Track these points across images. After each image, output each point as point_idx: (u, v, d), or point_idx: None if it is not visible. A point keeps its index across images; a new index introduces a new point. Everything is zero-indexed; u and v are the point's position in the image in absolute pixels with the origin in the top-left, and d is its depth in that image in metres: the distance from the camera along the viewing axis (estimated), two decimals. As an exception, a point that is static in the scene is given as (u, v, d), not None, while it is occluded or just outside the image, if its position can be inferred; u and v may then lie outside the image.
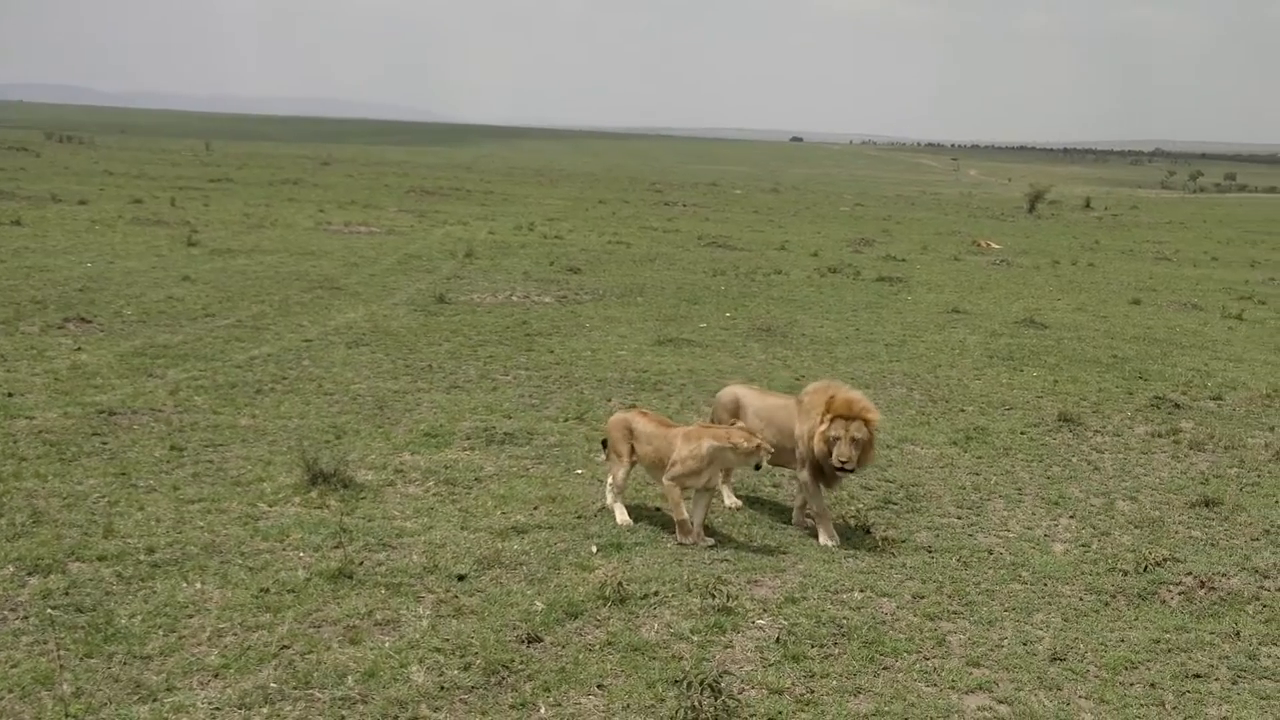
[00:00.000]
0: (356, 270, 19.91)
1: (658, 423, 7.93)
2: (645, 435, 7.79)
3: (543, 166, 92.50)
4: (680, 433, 7.67)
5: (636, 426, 7.87)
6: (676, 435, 7.64)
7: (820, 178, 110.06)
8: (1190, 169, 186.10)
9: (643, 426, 7.86)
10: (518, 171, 77.69)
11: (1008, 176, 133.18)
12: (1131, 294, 22.66)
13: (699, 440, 7.46)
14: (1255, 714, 5.46)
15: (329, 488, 8.00)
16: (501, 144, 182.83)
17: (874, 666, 5.80)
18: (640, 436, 7.81)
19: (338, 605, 6.20)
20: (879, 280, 22.60)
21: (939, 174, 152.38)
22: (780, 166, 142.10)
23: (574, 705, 5.27)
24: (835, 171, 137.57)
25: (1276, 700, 5.61)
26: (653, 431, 7.78)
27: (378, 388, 11.28)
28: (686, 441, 7.50)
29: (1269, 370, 14.59)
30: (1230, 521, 8.39)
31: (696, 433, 7.59)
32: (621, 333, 15.13)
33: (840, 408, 7.62)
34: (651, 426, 7.84)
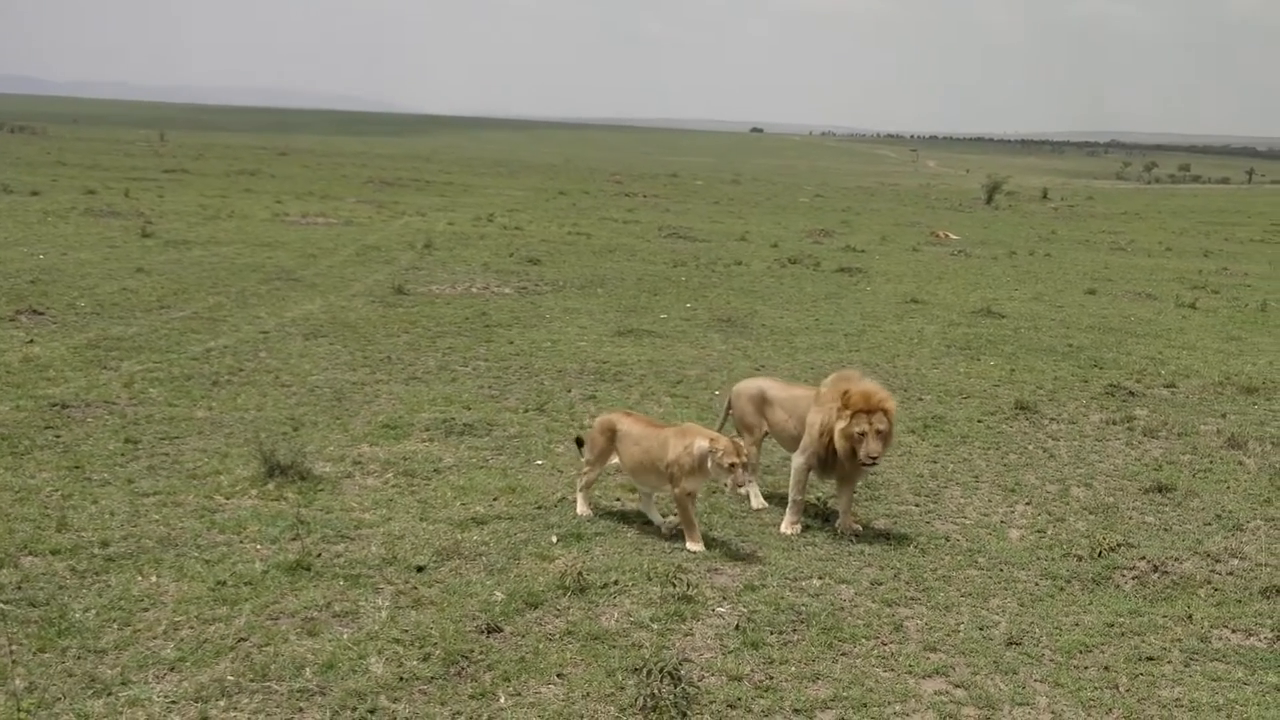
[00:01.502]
0: (314, 262, 19.75)
1: (646, 423, 7.71)
2: (632, 436, 7.54)
3: (502, 157, 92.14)
4: (671, 433, 7.40)
5: (622, 428, 7.61)
6: (668, 436, 7.37)
7: (781, 169, 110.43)
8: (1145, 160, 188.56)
9: (629, 427, 7.61)
10: (477, 162, 77.32)
11: (966, 168, 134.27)
12: (1087, 284, 22.91)
13: (691, 439, 7.20)
14: (1207, 695, 5.55)
15: (286, 480, 7.94)
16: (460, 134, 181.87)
17: (832, 653, 5.84)
18: (626, 438, 7.56)
19: (295, 597, 6.16)
20: (839, 271, 22.71)
21: (898, 165, 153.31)
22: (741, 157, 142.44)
23: (534, 694, 5.27)
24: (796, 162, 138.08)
25: (1228, 682, 5.71)
26: (641, 432, 7.54)
27: (336, 379, 11.20)
28: (680, 439, 7.25)
29: (1221, 358, 14.81)
30: (1183, 507, 8.52)
31: (687, 431, 7.35)
32: (582, 324, 15.11)
33: (859, 402, 7.47)
34: (640, 427, 7.60)
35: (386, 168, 58.32)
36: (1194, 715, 5.35)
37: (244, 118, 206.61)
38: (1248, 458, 9.92)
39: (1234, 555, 7.44)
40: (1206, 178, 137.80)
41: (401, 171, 54.85)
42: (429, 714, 5.06)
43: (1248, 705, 5.45)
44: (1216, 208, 63.75)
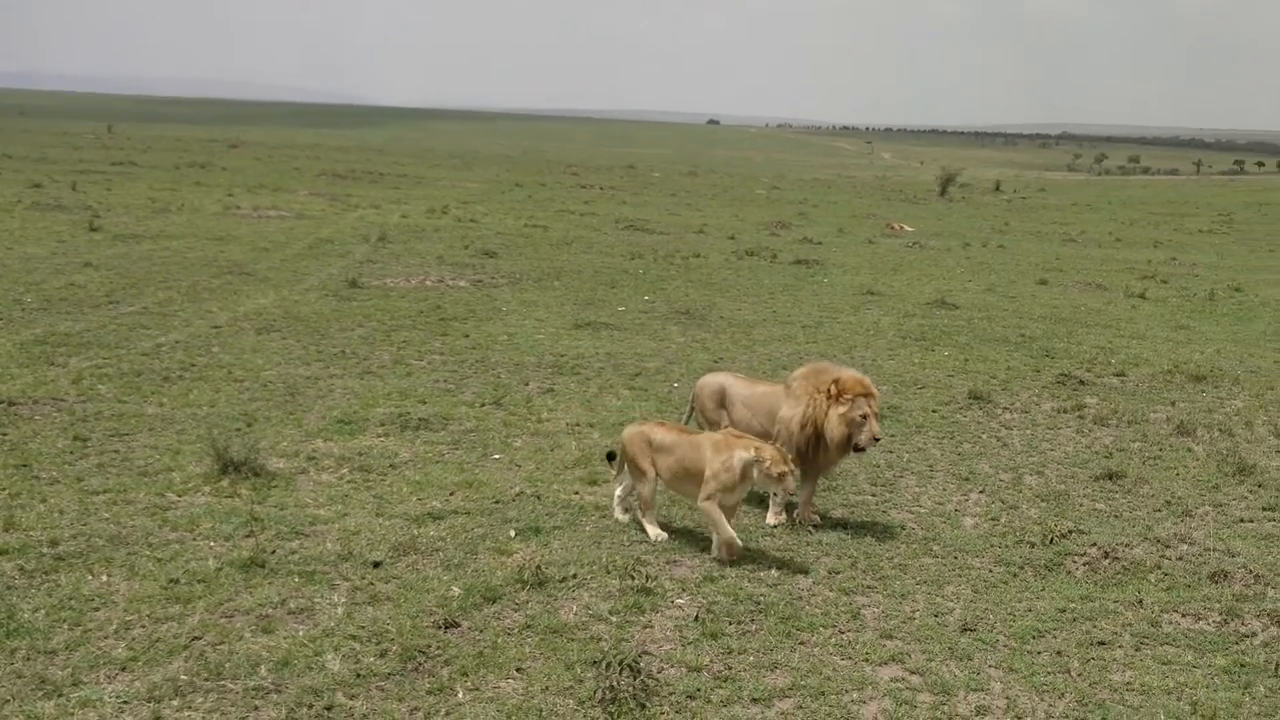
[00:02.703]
0: (267, 255, 19.54)
1: (679, 432, 7.47)
2: (666, 446, 7.29)
3: (457, 149, 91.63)
4: (709, 442, 7.17)
5: (655, 438, 7.37)
6: (704, 445, 7.15)
7: (738, 160, 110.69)
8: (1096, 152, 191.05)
9: (663, 437, 7.37)
10: (431, 154, 76.84)
11: (920, 160, 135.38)
12: (1039, 274, 23.18)
13: (730, 451, 7.00)
14: (1157, 678, 5.64)
15: (240, 476, 7.85)
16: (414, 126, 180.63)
17: (790, 641, 5.87)
18: (661, 448, 7.31)
19: (250, 594, 6.09)
20: (796, 263, 22.81)
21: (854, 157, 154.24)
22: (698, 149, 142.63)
23: (492, 689, 5.25)
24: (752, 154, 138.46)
25: (1178, 665, 5.80)
26: (675, 441, 7.30)
27: (289, 374, 11.09)
28: (717, 453, 7.03)
29: (1170, 347, 15.05)
30: (1133, 494, 8.65)
31: (726, 442, 7.13)
32: (539, 316, 15.06)
33: (855, 387, 7.56)
34: (673, 436, 7.37)
35: (339, 160, 57.79)
36: (1145, 698, 5.43)
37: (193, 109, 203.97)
38: (1196, 445, 10.09)
39: (1183, 540, 7.56)
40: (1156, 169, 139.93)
41: (355, 164, 54.38)
42: (386, 710, 5.03)
43: (1197, 688, 5.54)
44: (1165, 199, 64.75)
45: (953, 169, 64.87)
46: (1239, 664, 5.81)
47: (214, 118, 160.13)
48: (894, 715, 5.17)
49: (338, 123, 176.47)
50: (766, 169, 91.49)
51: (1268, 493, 8.68)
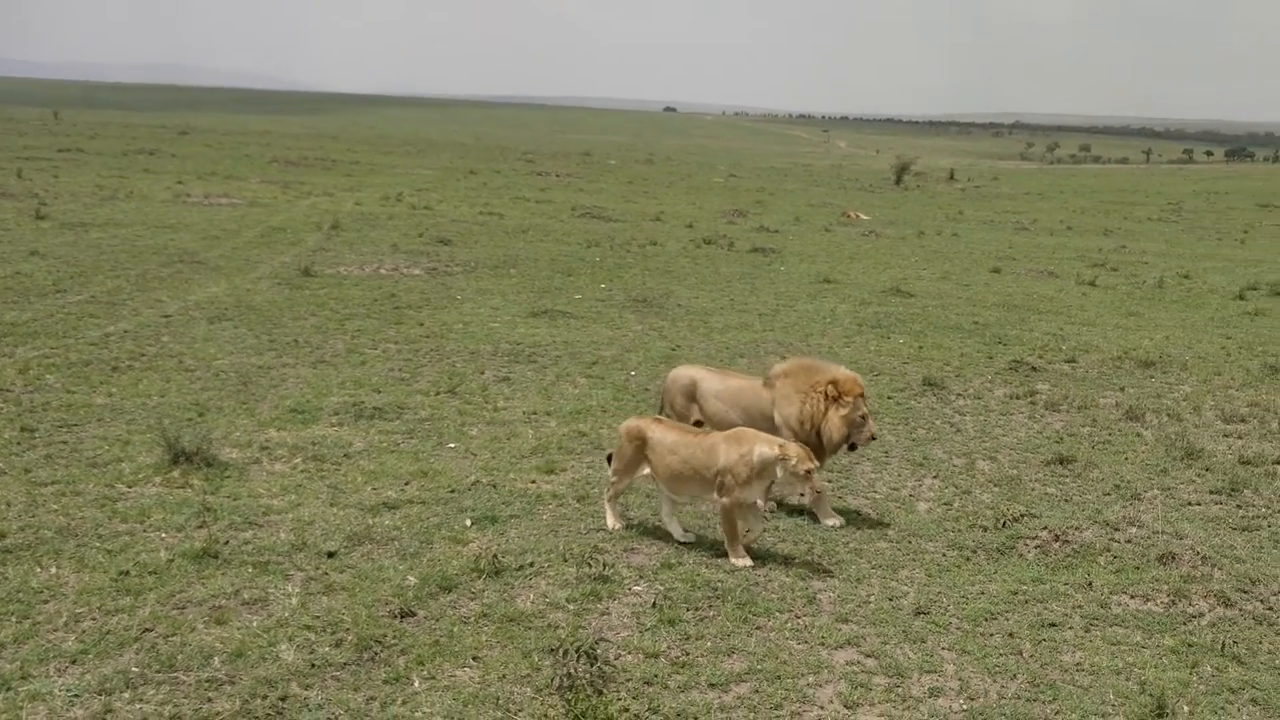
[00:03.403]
0: (218, 243, 19.29)
1: (684, 431, 7.21)
2: (669, 445, 7.03)
3: (411, 136, 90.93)
4: (722, 440, 6.93)
5: (655, 436, 7.10)
6: (717, 444, 6.90)
7: (694, 148, 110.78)
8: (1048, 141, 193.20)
9: (663, 436, 7.10)
10: (385, 141, 76.20)
11: (876, 149, 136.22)
12: (992, 263, 23.40)
13: (750, 445, 6.80)
14: (1107, 659, 5.73)
15: (191, 467, 7.76)
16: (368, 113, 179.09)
17: (747, 627, 5.91)
18: (662, 447, 7.04)
19: (203, 586, 6.03)
20: (753, 251, 22.86)
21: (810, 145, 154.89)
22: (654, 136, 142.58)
23: (449, 678, 5.23)
24: (709, 142, 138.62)
25: (1126, 646, 5.90)
26: (679, 440, 7.05)
27: (241, 363, 10.97)
28: (734, 446, 6.82)
29: (1120, 334, 15.26)
30: (1083, 478, 8.77)
31: (743, 436, 6.93)
32: (494, 304, 15.00)
33: (854, 387, 7.57)
34: (676, 435, 7.10)
35: (292, 147, 57.14)
36: (1094, 678, 5.52)
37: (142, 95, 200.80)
38: (1145, 429, 10.24)
39: (1132, 524, 7.68)
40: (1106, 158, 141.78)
41: (307, 151, 53.79)
42: (342, 700, 5.00)
43: (1145, 668, 5.64)
44: (1116, 187, 65.61)
45: (908, 158, 65.22)
46: (1186, 644, 5.92)
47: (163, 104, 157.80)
48: (849, 698, 5.22)
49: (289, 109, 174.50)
50: (723, 157, 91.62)
51: (1215, 476, 8.83)
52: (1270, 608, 6.43)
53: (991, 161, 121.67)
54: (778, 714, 5.06)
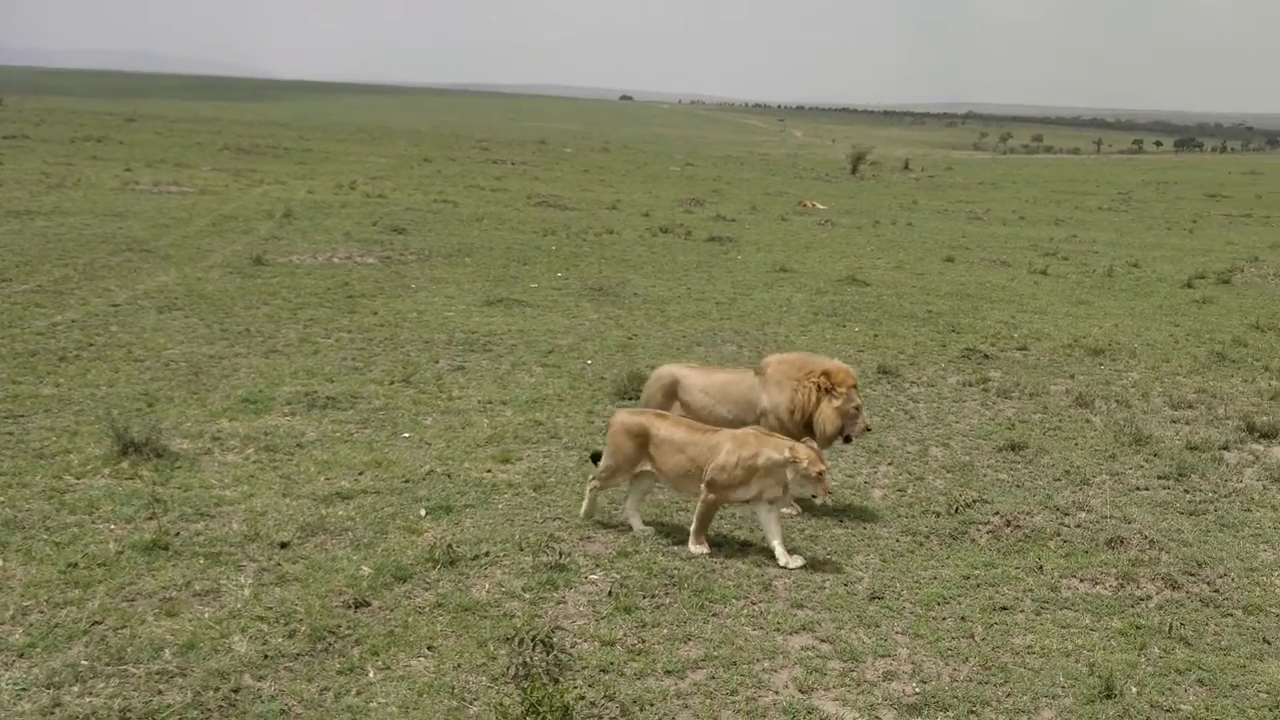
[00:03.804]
0: (168, 232, 19.01)
1: (690, 429, 7.01)
2: (675, 442, 6.87)
3: (364, 123, 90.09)
4: (730, 438, 6.80)
5: (660, 433, 6.93)
6: (723, 440, 6.78)
7: (650, 137, 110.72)
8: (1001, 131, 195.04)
9: (669, 432, 6.92)
10: (338, 129, 75.43)
11: (832, 138, 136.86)
12: (946, 252, 23.59)
13: (756, 448, 6.67)
14: (1057, 641, 5.81)
15: (141, 458, 7.66)
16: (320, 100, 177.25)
17: (703, 614, 5.92)
18: (667, 444, 6.88)
19: (153, 578, 5.96)
20: (710, 240, 22.88)
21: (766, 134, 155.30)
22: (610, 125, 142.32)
23: (404, 668, 5.21)
24: (665, 131, 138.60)
25: (1076, 628, 5.98)
26: (687, 438, 6.88)
27: (192, 353, 10.83)
28: (739, 447, 6.70)
29: (1070, 322, 15.45)
30: (1034, 464, 8.88)
31: (751, 438, 6.78)
32: (449, 293, 14.91)
33: (847, 378, 7.51)
34: (683, 433, 6.93)
35: (243, 134, 56.42)
36: (1045, 661, 5.59)
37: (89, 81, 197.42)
38: (1094, 415, 10.39)
39: (1081, 508, 7.79)
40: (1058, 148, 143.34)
41: (259, 138, 53.13)
42: (295, 691, 4.96)
43: (1094, 650, 5.72)
44: (1067, 177, 66.36)
45: (863, 147, 65.62)
46: (1134, 626, 6.02)
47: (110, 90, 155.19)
48: (804, 682, 5.26)
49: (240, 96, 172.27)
50: (680, 145, 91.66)
51: (1162, 461, 8.98)
52: (1216, 590, 6.55)
53: (945, 151, 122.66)
54: (733, 700, 5.09)
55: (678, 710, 4.98)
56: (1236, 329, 15.07)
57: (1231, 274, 20.78)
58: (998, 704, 5.16)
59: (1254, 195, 50.01)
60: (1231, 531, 7.55)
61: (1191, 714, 5.15)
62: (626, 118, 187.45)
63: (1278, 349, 13.83)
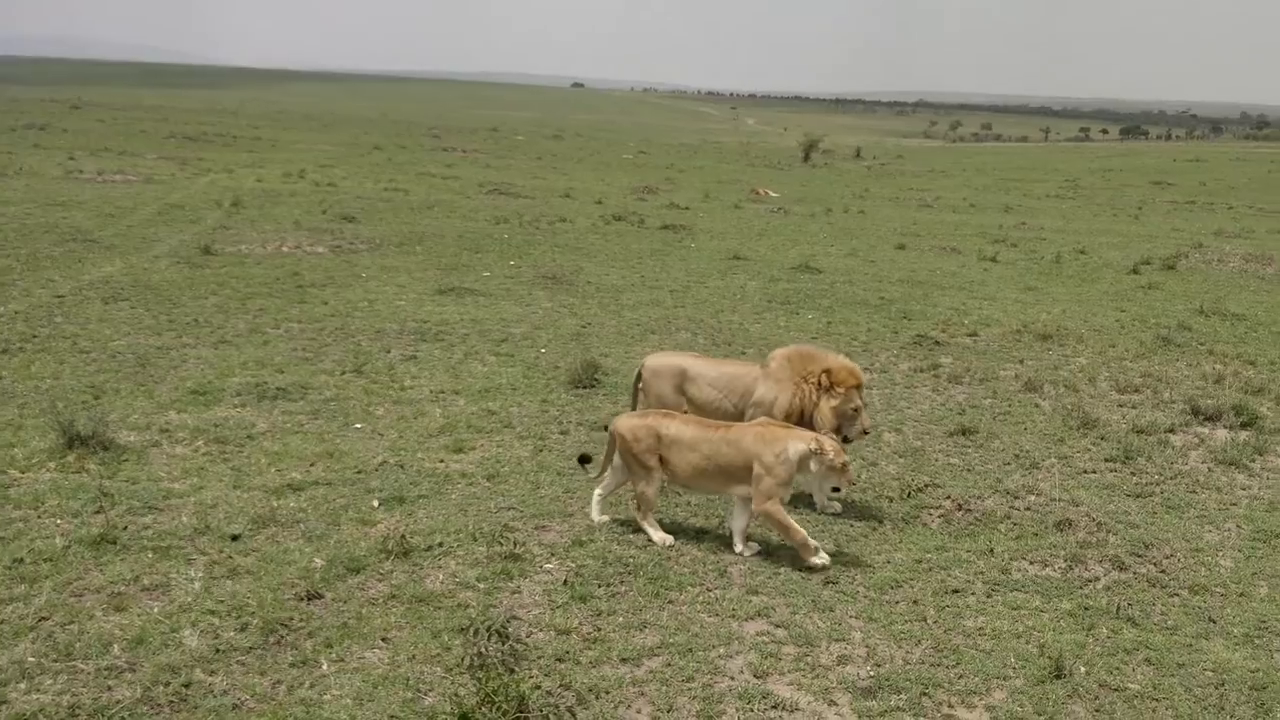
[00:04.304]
0: (113, 221, 18.70)
1: (702, 425, 6.83)
2: (687, 441, 6.69)
3: (313, 111, 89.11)
4: (751, 435, 6.62)
5: (670, 432, 6.75)
6: (745, 439, 6.60)
7: (603, 124, 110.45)
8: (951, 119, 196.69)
9: (680, 431, 6.73)
10: (286, 116, 74.59)
11: (784, 126, 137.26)
12: (897, 239, 23.77)
13: (784, 443, 6.53)
14: (1008, 623, 5.89)
15: (88, 450, 7.54)
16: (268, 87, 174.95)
17: (659, 601, 5.93)
18: (679, 443, 6.70)
19: (101, 572, 5.87)
20: (663, 228, 22.89)
21: (719, 122, 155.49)
22: (563, 112, 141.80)
23: (357, 659, 5.17)
24: (618, 118, 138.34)
25: (1026, 610, 6.06)
26: (699, 436, 6.70)
27: (139, 344, 10.66)
28: (767, 445, 6.51)
29: (1019, 308, 15.62)
30: (985, 448, 8.98)
31: (772, 433, 6.62)
32: (400, 282, 14.80)
33: (849, 378, 7.40)
34: (695, 430, 6.75)
35: (189, 122, 55.61)
36: (996, 642, 5.66)
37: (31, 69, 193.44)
38: (1043, 400, 10.52)
39: (1030, 492, 7.89)
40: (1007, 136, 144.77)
41: (206, 126, 52.40)
42: (247, 685, 4.91)
43: (1044, 631, 5.81)
44: (1016, 165, 67.10)
45: (815, 135, 65.94)
46: (1083, 607, 6.11)
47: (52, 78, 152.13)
48: (759, 668, 5.28)
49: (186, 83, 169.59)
50: (632, 133, 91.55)
51: (1109, 445, 9.11)
52: (1163, 570, 6.67)
53: (897, 139, 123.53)
54: (689, 686, 5.10)
55: (634, 698, 4.99)
56: (1181, 314, 15.32)
57: (1176, 260, 21.11)
58: (950, 685, 5.22)
59: (1198, 182, 50.86)
60: (1177, 513, 7.68)
61: (1139, 692, 5.24)
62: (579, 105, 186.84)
63: (1222, 333, 14.09)
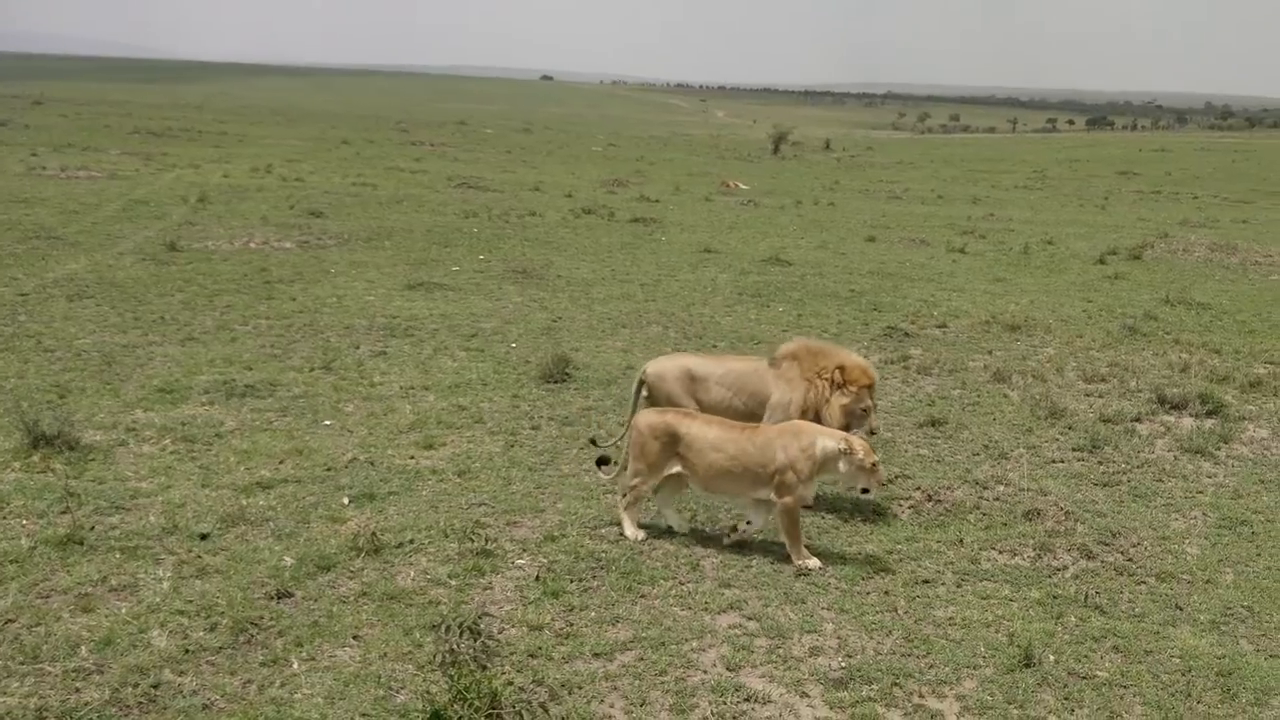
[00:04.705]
0: (77, 218, 18.48)
1: (721, 424, 6.70)
2: (711, 442, 6.54)
3: (280, 105, 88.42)
4: (776, 433, 6.49)
5: (691, 432, 6.61)
6: (771, 439, 6.48)
7: (572, 117, 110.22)
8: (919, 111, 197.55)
9: (701, 431, 6.60)
10: (253, 111, 73.95)
11: (753, 118, 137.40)
12: (867, 231, 23.85)
13: (811, 438, 6.42)
14: (977, 612, 5.93)
15: (53, 450, 7.46)
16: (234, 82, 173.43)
17: (632, 595, 5.94)
18: (699, 444, 6.57)
19: (68, 573, 5.81)
20: (633, 221, 22.86)
21: (689, 114, 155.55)
22: (532, 105, 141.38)
23: (329, 658, 5.15)
24: (587, 111, 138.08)
25: (996, 599, 6.11)
26: (723, 436, 6.55)
27: (105, 342, 10.55)
28: (793, 439, 6.41)
29: (988, 299, 15.72)
30: (954, 439, 9.03)
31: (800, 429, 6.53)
32: (369, 278, 14.71)
33: (862, 376, 7.31)
34: (718, 431, 6.60)
35: (154, 117, 55.04)
36: (966, 631, 5.70)
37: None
38: (1011, 390, 10.60)
39: (999, 482, 7.95)
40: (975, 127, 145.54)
41: (170, 121, 51.88)
42: (218, 685, 4.88)
43: (1014, 620, 5.85)
44: (984, 156, 67.44)
45: (784, 127, 66.04)
46: (1052, 596, 6.17)
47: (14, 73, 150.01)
48: (732, 660, 5.30)
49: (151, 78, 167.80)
50: (602, 126, 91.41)
51: (1077, 434, 9.19)
52: (1130, 559, 6.74)
53: (865, 131, 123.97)
54: (662, 680, 5.11)
55: (606, 692, 5.00)
56: (1147, 303, 15.47)
57: (1142, 250, 21.30)
58: (920, 675, 5.25)
59: (1164, 173, 51.32)
60: (1144, 501, 7.76)
61: (1107, 680, 5.30)
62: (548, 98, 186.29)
63: (1187, 322, 14.24)
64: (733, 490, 6.63)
